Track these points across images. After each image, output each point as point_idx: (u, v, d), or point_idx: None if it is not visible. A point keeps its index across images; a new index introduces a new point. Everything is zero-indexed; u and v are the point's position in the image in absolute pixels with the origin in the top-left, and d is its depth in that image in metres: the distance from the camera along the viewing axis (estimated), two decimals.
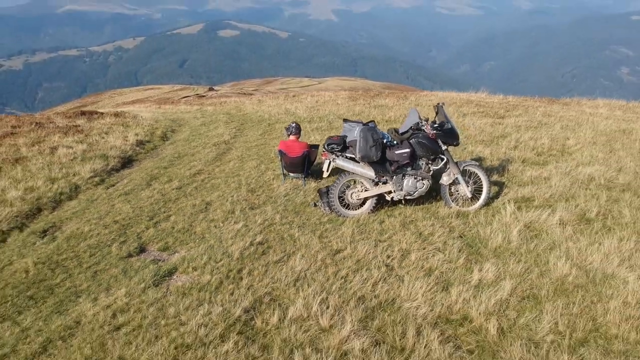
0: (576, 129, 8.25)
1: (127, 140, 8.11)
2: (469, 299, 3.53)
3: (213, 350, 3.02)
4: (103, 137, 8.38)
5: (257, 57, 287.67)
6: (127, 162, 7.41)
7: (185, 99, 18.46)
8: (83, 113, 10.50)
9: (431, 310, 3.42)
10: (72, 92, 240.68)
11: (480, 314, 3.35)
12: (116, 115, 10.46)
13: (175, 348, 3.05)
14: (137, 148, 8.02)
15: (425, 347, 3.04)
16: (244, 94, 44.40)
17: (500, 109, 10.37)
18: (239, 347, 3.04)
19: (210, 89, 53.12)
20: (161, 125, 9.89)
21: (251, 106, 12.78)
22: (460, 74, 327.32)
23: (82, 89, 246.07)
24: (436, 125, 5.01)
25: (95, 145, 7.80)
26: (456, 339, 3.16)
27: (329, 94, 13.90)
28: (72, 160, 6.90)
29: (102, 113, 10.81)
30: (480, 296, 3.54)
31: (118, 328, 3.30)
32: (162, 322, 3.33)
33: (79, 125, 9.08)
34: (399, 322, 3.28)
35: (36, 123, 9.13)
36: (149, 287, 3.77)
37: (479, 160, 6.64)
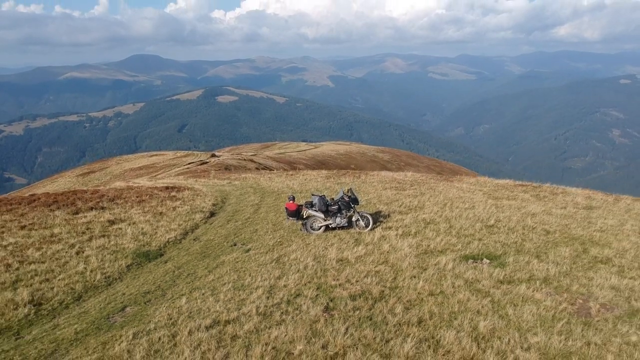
0: (437, 195, 16.25)
1: (207, 203, 16.02)
2: (349, 255, 11.26)
3: (270, 265, 10.74)
4: (193, 201, 16.28)
5: (255, 121, 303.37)
6: (212, 214, 15.28)
7: (215, 172, 26.55)
8: (167, 187, 18.49)
9: (336, 257, 11.16)
10: (71, 156, 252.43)
11: (352, 258, 11.09)
12: (189, 189, 18.48)
13: (257, 264, 10.78)
14: (214, 207, 15.91)
15: (330, 265, 10.76)
16: (244, 159, 52.60)
17: (406, 184, 18.48)
18: (276, 263, 10.77)
19: (213, 155, 61.00)
20: (219, 195, 17.90)
21: (265, 182, 20.98)
22: (455, 137, 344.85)
23: (81, 153, 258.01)
24: (348, 195, 12.97)
25: (193, 206, 15.66)
26: (342, 262, 10.85)
27: (313, 174, 22.25)
28: (187, 213, 14.72)
29: (180, 187, 18.80)
30: (353, 253, 11.29)
31: (239, 262, 11.02)
32: (251, 260, 11.08)
33: (175, 195, 16.98)
34: (324, 260, 11.02)
35: (149, 195, 16.96)
36: (243, 253, 11.56)
37: (379, 212, 14.55)
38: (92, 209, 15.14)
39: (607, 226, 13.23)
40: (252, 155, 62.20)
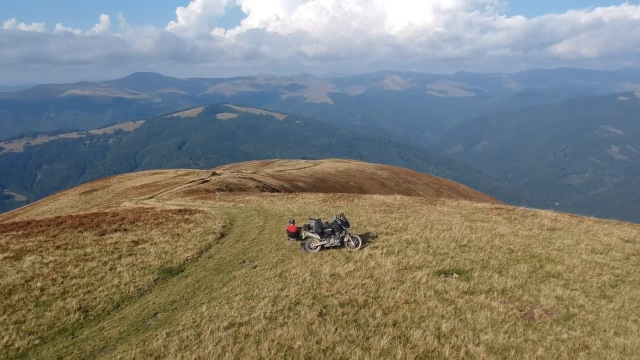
0: (420, 218, 18.49)
1: (217, 225, 18.25)
2: (340, 270, 13.46)
3: (274, 279, 12.94)
4: (205, 223, 18.51)
5: (255, 138, 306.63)
6: (222, 235, 17.50)
7: (221, 195, 28.77)
8: (180, 210, 20.72)
9: (329, 272, 13.35)
10: (71, 173, 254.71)
11: (343, 273, 13.29)
12: (199, 212, 20.74)
13: (264, 278, 12.98)
14: (223, 229, 18.14)
15: (324, 279, 12.96)
16: (245, 177, 54.79)
17: (394, 207, 20.74)
18: (279, 278, 12.96)
19: (214, 174, 62.84)
20: (226, 218, 20.16)
21: (267, 205, 23.25)
22: (454, 154, 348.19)
23: (81, 170, 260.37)
24: (341, 219, 15.22)
25: (205, 228, 17.88)
26: (334, 277, 13.06)
27: (311, 198, 24.57)
28: (201, 234, 16.94)
29: (191, 210, 21.05)
30: (343, 269, 13.49)
31: (248, 277, 13.23)
32: (258, 275, 13.28)
33: (188, 218, 19.20)
34: (320, 274, 13.21)
35: (165, 218, 19.17)
36: (251, 269, 13.77)
37: (368, 233, 16.77)
38: (116, 230, 17.37)
39: (565, 245, 15.45)
40: (252, 173, 64.09)
